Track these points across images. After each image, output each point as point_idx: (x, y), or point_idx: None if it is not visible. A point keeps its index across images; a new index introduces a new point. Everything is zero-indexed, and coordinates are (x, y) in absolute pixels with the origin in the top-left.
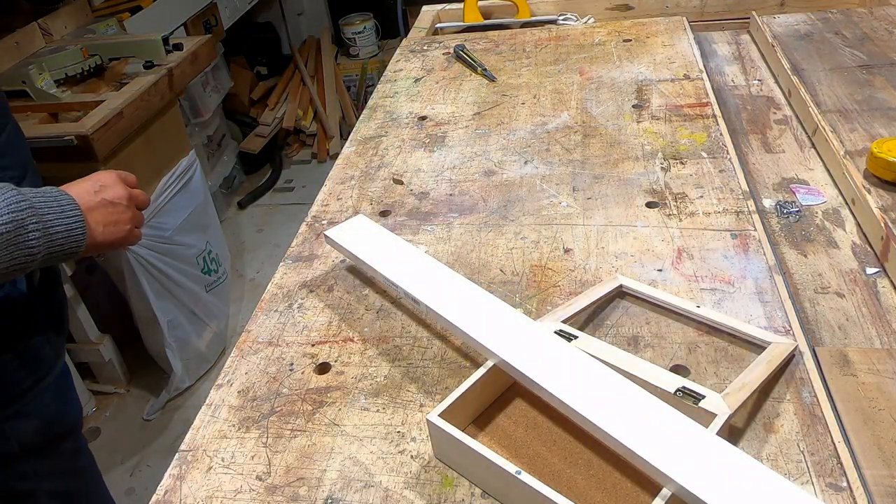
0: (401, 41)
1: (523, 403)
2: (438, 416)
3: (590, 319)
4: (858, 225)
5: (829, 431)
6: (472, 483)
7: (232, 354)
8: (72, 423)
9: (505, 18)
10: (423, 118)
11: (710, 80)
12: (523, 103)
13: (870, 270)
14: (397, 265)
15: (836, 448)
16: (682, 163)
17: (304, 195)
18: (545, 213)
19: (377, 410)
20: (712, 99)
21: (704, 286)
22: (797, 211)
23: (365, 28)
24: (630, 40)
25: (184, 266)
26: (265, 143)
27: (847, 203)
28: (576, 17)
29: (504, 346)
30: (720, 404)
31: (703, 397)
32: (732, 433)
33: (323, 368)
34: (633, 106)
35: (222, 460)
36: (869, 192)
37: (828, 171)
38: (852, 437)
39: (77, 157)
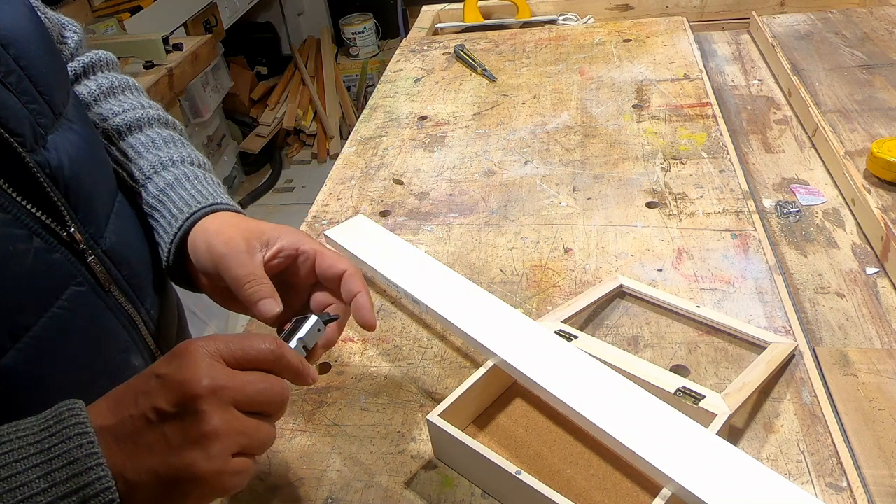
0: (401, 41)
1: (523, 403)
2: (438, 416)
3: (590, 319)
4: (858, 225)
5: (829, 431)
6: (472, 483)
7: None
8: None
9: (505, 18)
10: (423, 118)
11: (710, 80)
12: (523, 103)
13: (870, 270)
14: (397, 265)
15: (836, 448)
16: (682, 163)
17: (304, 195)
18: (545, 213)
19: (377, 410)
20: (712, 99)
21: (704, 286)
22: (797, 211)
23: (365, 28)
24: (630, 40)
25: None
26: (265, 143)
27: (847, 203)
28: (576, 17)
29: (504, 346)
30: (720, 404)
31: (703, 397)
32: (732, 433)
33: (323, 368)
34: (633, 106)
35: None
36: (869, 192)
37: (828, 171)
38: (852, 437)
39: None
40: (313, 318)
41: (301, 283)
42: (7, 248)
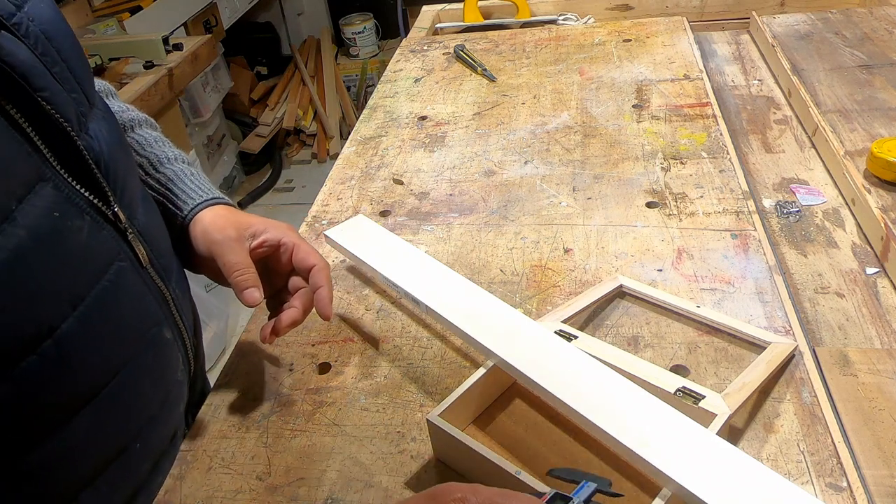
0: (401, 41)
1: (523, 403)
2: (438, 416)
3: (590, 319)
4: (858, 225)
5: (829, 431)
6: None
7: (232, 354)
8: None
9: (505, 18)
10: (423, 118)
11: (710, 80)
12: (523, 103)
13: (870, 270)
14: (397, 265)
15: (836, 448)
16: (682, 163)
17: (304, 195)
18: (545, 213)
19: (377, 410)
20: (712, 99)
21: (704, 286)
22: (797, 211)
23: (365, 28)
24: (630, 40)
25: None
26: (265, 143)
27: (847, 203)
28: (576, 17)
29: (504, 346)
30: (720, 404)
31: (703, 397)
32: (732, 433)
33: (323, 368)
34: (633, 106)
35: (222, 460)
36: (869, 192)
37: (828, 171)
38: (852, 437)
39: None
40: (590, 487)
41: (281, 270)
42: (66, 223)
